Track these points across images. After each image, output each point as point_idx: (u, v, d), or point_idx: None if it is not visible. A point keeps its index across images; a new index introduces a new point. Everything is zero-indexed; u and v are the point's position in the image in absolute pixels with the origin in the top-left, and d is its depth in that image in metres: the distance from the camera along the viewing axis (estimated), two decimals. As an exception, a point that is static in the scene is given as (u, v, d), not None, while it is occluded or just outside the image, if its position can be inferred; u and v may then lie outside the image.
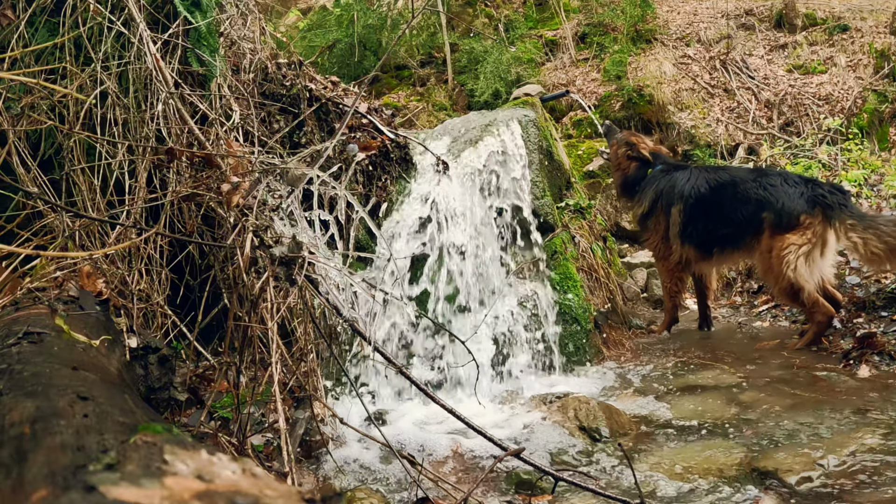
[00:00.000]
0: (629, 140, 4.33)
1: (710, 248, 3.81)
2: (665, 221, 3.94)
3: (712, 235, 3.76)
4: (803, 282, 3.37)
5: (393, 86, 9.80)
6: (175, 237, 2.57)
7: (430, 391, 2.02)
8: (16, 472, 0.78)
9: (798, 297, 3.42)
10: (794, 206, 3.41)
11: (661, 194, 3.96)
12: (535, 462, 1.92)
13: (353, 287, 1.97)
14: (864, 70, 8.30)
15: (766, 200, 3.52)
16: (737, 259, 3.86)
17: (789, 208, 3.42)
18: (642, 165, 4.18)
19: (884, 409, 2.53)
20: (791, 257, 3.37)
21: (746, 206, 3.60)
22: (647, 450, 2.43)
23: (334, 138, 2.56)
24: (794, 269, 3.37)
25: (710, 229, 3.75)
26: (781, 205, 3.44)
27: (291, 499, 0.70)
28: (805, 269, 3.37)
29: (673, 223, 3.90)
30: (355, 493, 2.13)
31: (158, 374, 2.06)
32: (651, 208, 4.01)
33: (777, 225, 3.45)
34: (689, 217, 3.82)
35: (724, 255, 3.81)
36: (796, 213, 3.39)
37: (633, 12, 9.36)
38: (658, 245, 4.02)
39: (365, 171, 3.58)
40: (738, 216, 3.63)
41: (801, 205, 3.40)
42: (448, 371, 3.24)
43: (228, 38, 3.23)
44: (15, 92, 2.53)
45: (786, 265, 3.38)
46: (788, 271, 3.38)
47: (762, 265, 3.61)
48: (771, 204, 3.49)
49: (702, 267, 4.01)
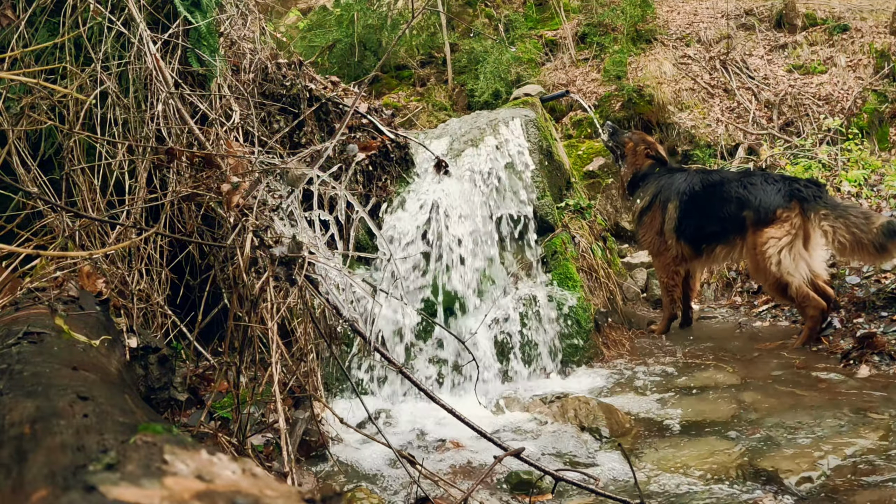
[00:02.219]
0: (646, 139, 4.48)
1: (700, 245, 3.91)
2: (661, 217, 4.03)
3: (701, 233, 3.87)
4: (788, 276, 3.43)
5: (393, 86, 9.80)
6: (175, 237, 2.57)
7: (431, 391, 2.02)
8: (16, 472, 0.78)
9: (786, 292, 3.47)
10: (770, 202, 3.52)
11: (661, 190, 4.08)
12: (535, 462, 1.92)
13: (352, 287, 1.97)
14: (864, 70, 8.29)
15: (745, 199, 3.63)
16: (723, 257, 3.92)
17: (766, 204, 3.52)
18: (655, 164, 4.31)
19: (884, 409, 2.53)
20: (772, 251, 3.45)
21: (729, 205, 3.71)
22: (648, 450, 2.43)
23: (334, 138, 2.56)
24: (778, 264, 3.44)
25: (700, 226, 3.86)
26: (759, 202, 3.55)
27: (291, 499, 0.70)
28: (789, 263, 3.42)
29: (668, 218, 3.99)
30: (355, 493, 2.13)
31: (158, 374, 2.06)
32: (650, 203, 4.12)
33: (757, 222, 3.55)
34: (684, 213, 3.92)
35: (712, 252, 3.88)
36: (773, 208, 3.50)
37: (633, 12, 9.35)
38: (653, 240, 4.11)
39: (365, 171, 3.58)
40: (722, 214, 3.74)
41: (777, 200, 3.51)
42: (447, 367, 3.24)
43: (228, 38, 3.23)
44: (15, 92, 2.53)
45: (768, 260, 3.46)
46: (772, 266, 3.45)
47: (750, 264, 3.70)
48: (750, 202, 3.60)
49: (693, 265, 4.10)
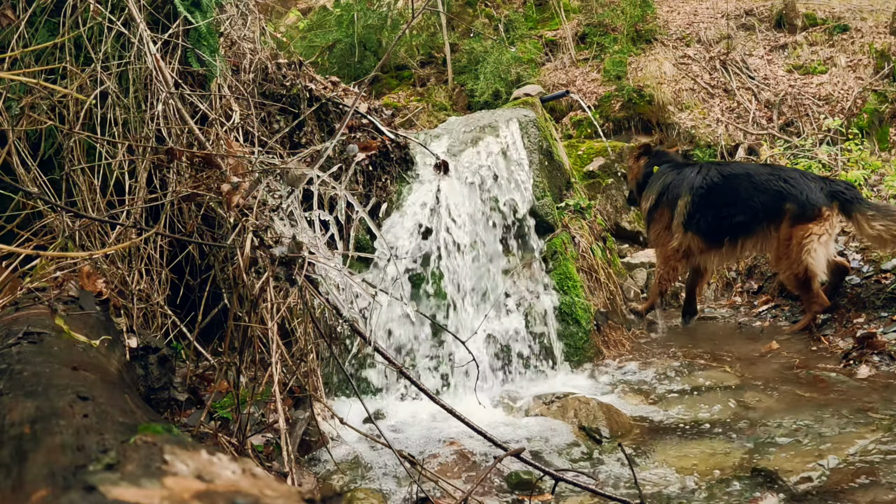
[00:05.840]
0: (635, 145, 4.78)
1: (719, 238, 3.99)
2: (670, 213, 4.14)
3: (724, 224, 3.96)
4: (818, 270, 3.67)
5: (393, 86, 9.79)
6: (175, 237, 2.57)
7: (431, 391, 2.02)
8: (16, 472, 0.78)
9: (809, 284, 3.68)
10: (816, 199, 3.72)
11: (669, 187, 4.19)
12: (535, 462, 1.92)
13: (353, 287, 1.96)
14: (864, 70, 8.29)
15: (787, 192, 3.79)
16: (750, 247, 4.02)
17: (813, 200, 3.71)
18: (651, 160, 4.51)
19: (884, 409, 2.53)
20: (811, 245, 3.65)
21: (764, 196, 3.84)
22: (648, 450, 2.43)
23: (334, 138, 2.55)
24: (812, 259, 3.65)
25: (723, 217, 3.96)
26: (806, 197, 3.72)
27: (291, 499, 0.70)
28: (822, 259, 3.65)
29: (678, 213, 4.09)
30: (355, 493, 2.13)
31: (158, 374, 2.06)
32: (658, 200, 4.24)
33: (800, 216, 3.72)
34: (697, 207, 4.02)
35: (736, 244, 3.98)
36: (819, 205, 3.70)
37: (633, 12, 9.35)
38: (660, 233, 4.23)
39: (365, 171, 3.58)
40: (754, 204, 3.86)
41: (822, 198, 3.72)
42: (446, 367, 3.24)
43: (228, 38, 3.23)
44: (15, 92, 2.53)
45: (806, 252, 3.66)
46: (808, 258, 3.66)
47: (777, 252, 3.83)
48: (794, 195, 3.76)
49: (706, 257, 4.17)
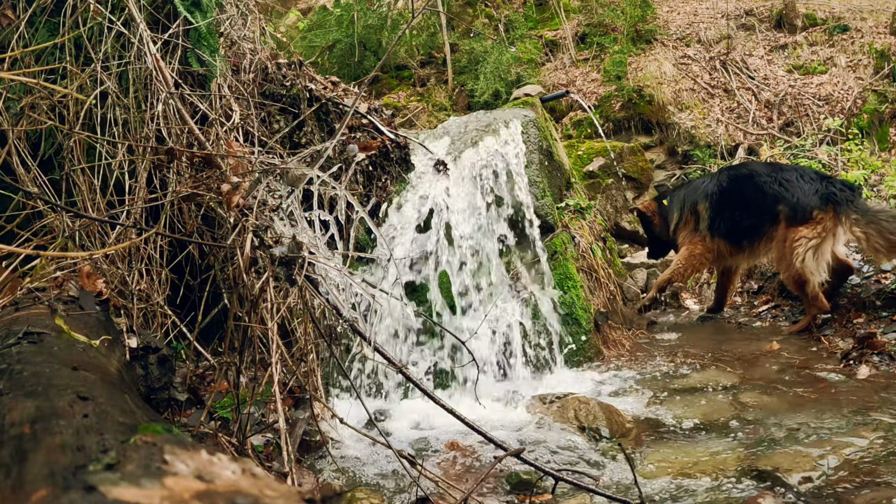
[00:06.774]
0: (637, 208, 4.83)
1: (740, 241, 4.04)
2: (694, 220, 4.22)
3: (740, 227, 4.01)
4: (809, 274, 3.62)
5: (393, 86, 9.79)
6: (175, 237, 2.57)
7: (431, 391, 2.02)
8: (16, 472, 0.78)
9: (803, 288, 3.67)
10: (807, 202, 3.68)
11: (685, 198, 4.28)
12: (535, 462, 1.92)
13: (352, 287, 1.96)
14: (864, 70, 8.30)
15: (780, 195, 3.78)
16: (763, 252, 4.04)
17: (804, 203, 3.68)
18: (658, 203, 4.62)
19: (884, 409, 2.53)
20: (801, 250, 3.63)
21: (765, 199, 3.85)
22: (648, 450, 2.43)
23: (334, 138, 2.55)
24: (803, 262, 3.62)
25: (738, 220, 4.01)
26: (797, 200, 3.70)
27: (291, 499, 0.70)
28: (812, 263, 3.61)
29: (702, 219, 4.16)
30: (355, 493, 2.13)
31: (158, 374, 2.06)
32: (681, 214, 4.31)
33: (792, 218, 3.72)
34: (717, 211, 4.08)
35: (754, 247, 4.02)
36: (810, 209, 3.66)
37: (633, 12, 9.35)
38: (688, 234, 4.28)
39: (365, 171, 3.58)
40: (759, 207, 3.89)
41: (814, 201, 3.67)
42: (447, 367, 3.24)
43: (228, 38, 3.23)
44: (15, 92, 2.53)
45: (795, 256, 3.65)
46: (797, 262, 3.64)
47: (777, 252, 3.86)
48: (786, 199, 3.75)
49: (736, 260, 4.25)
